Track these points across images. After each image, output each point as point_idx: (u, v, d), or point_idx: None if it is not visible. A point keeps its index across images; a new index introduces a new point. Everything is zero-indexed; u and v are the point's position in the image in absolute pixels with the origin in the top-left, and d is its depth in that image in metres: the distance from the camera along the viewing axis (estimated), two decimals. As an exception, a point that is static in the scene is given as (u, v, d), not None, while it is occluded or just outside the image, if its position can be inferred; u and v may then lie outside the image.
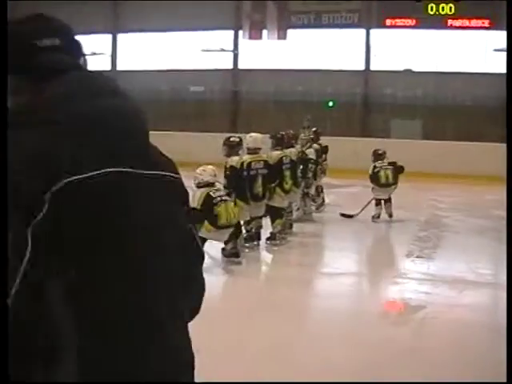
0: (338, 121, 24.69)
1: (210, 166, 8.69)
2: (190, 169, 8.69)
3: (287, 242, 10.36)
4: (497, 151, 20.38)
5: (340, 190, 16.79)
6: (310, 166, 12.01)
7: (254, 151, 9.82)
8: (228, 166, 9.39)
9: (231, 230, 8.65)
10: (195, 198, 8.21)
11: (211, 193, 8.39)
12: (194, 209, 8.22)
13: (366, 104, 26.19)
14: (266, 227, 10.16)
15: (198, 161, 16.94)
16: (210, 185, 8.51)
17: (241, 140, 9.88)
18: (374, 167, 13.05)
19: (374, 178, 12.76)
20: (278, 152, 10.49)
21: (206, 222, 8.21)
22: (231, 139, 9.85)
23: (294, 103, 25.22)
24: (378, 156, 13.31)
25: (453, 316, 6.72)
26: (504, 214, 9.50)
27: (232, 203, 8.69)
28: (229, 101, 27.50)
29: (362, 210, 12.59)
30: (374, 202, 12.63)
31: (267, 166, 9.88)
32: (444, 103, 24.71)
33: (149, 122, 1.66)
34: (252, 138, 10.03)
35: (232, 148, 9.63)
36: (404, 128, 24.44)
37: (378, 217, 12.73)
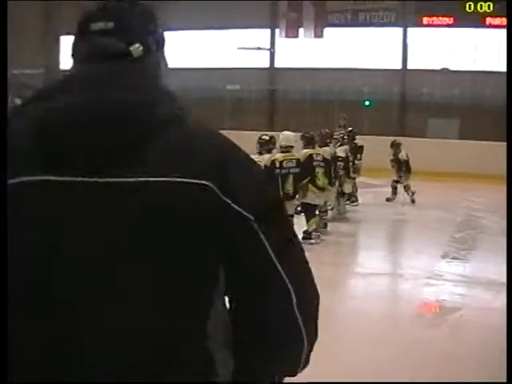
0: (374, 120, 24.56)
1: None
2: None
3: (322, 241, 10.35)
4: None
5: (376, 189, 16.73)
6: (338, 164, 11.96)
7: (286, 149, 9.83)
8: None
9: None
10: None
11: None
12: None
13: (403, 103, 26.02)
14: (301, 226, 10.15)
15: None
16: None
17: (271, 138, 9.96)
18: (407, 155, 14.71)
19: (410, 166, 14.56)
20: (308, 150, 10.49)
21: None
22: (262, 137, 9.94)
23: (331, 102, 25.14)
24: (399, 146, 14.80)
25: (487, 319, 6.64)
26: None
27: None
28: (265, 99, 27.49)
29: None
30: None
31: (299, 165, 9.88)
32: (481, 102, 24.44)
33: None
34: (284, 136, 10.06)
35: (262, 146, 9.76)
36: (441, 127, 24.23)
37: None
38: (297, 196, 9.90)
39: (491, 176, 18.80)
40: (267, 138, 9.93)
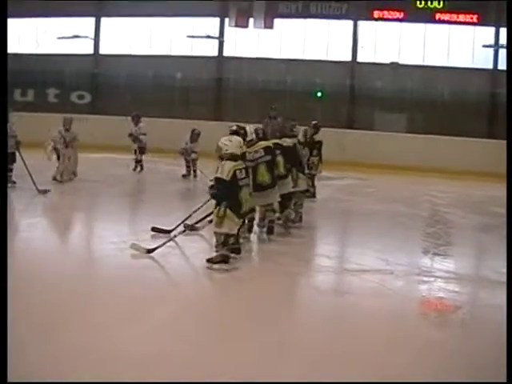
0: (323, 112, 24.52)
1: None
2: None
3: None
4: (481, 147, 20.53)
5: (333, 182, 16.70)
6: None
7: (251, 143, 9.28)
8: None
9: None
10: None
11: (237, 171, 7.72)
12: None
13: (352, 96, 26.04)
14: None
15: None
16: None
17: (243, 129, 9.30)
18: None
19: None
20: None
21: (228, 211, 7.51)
22: (233, 128, 9.25)
23: (280, 93, 24.95)
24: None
25: (492, 317, 6.52)
26: (502, 210, 9.49)
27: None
28: (214, 88, 27.18)
29: None
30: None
31: (268, 152, 9.28)
32: (429, 97, 24.68)
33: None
34: (251, 130, 9.38)
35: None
36: (389, 121, 24.36)
37: None
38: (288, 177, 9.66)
39: (439, 170, 19.15)
40: (242, 132, 9.33)
